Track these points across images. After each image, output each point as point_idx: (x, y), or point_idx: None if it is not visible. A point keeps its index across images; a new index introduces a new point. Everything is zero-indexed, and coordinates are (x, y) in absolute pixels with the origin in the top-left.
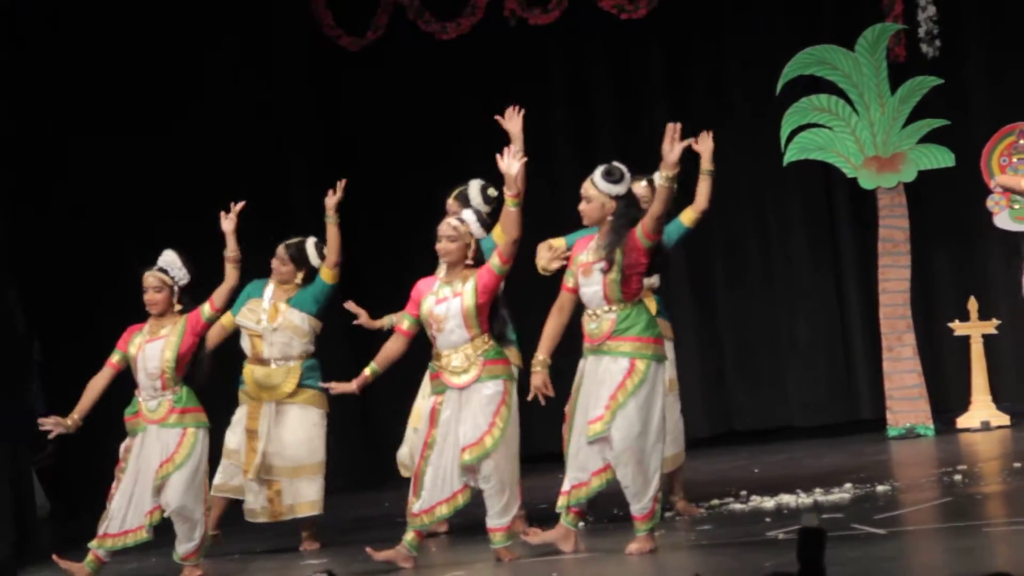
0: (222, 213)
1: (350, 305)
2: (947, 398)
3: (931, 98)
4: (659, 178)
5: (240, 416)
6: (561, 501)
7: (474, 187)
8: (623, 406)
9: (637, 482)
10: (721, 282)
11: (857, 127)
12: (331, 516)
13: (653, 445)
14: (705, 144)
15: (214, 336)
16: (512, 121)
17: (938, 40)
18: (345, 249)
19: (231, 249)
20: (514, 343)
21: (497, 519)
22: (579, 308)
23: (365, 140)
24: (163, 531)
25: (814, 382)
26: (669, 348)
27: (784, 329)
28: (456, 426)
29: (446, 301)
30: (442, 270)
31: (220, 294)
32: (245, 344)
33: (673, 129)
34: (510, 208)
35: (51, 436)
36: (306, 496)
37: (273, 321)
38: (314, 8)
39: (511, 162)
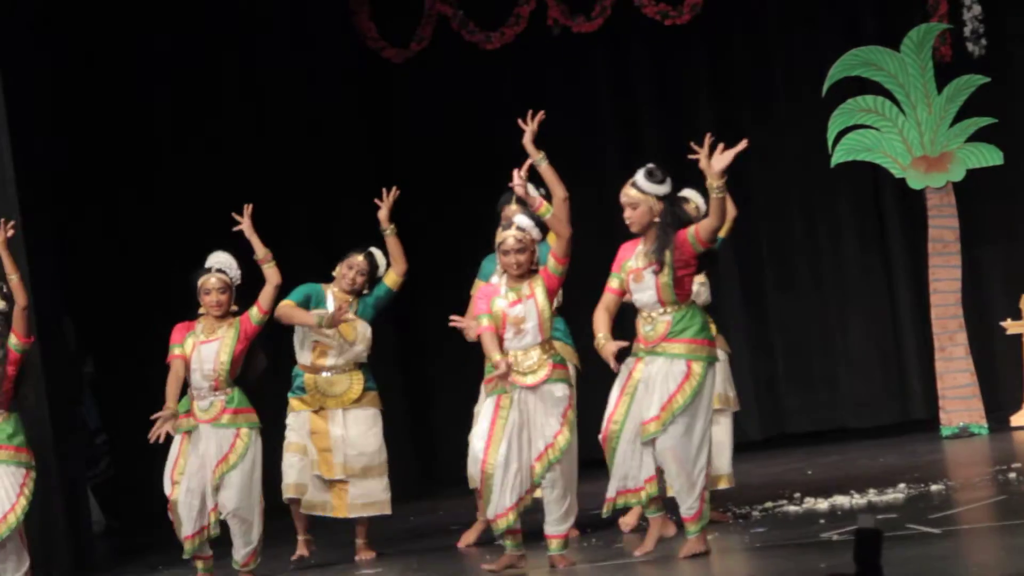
0: (236, 216)
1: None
2: (1000, 396)
3: (978, 97)
4: (711, 190)
5: (299, 423)
6: (607, 508)
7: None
8: (680, 409)
9: (681, 482)
10: (771, 285)
11: (904, 127)
12: (383, 524)
13: (699, 446)
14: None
15: (296, 318)
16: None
17: (984, 39)
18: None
19: (260, 250)
20: (571, 344)
21: (556, 526)
22: (624, 311)
23: (412, 150)
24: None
25: (867, 383)
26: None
27: (836, 331)
28: (526, 429)
29: (520, 303)
30: (502, 277)
31: (266, 296)
32: (307, 353)
33: (709, 141)
34: (555, 209)
35: (158, 430)
36: (375, 496)
37: (349, 335)
38: (357, 21)
39: (540, 162)
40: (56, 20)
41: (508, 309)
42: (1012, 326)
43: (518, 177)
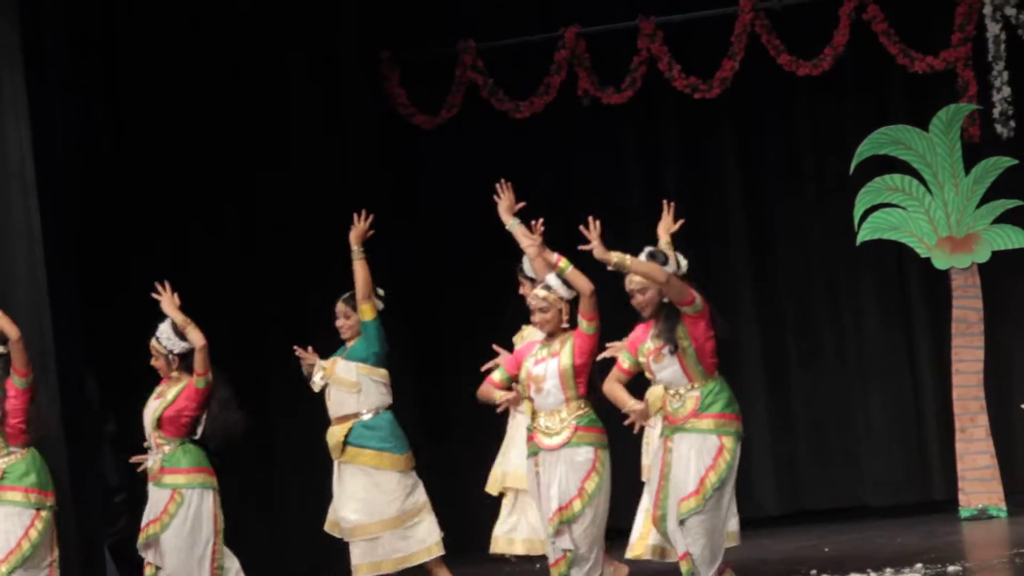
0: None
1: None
2: (1020, 479)
3: (1005, 178)
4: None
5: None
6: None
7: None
8: (716, 485)
9: (705, 554)
10: (795, 360)
11: (931, 207)
12: None
13: (725, 519)
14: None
15: None
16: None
17: (1012, 120)
18: (420, 316)
19: (177, 319)
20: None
21: None
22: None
23: (440, 216)
24: None
25: (887, 461)
26: None
27: (857, 408)
28: (547, 489)
29: (544, 362)
30: (538, 333)
31: (197, 360)
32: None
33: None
34: (565, 273)
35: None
36: (395, 550)
37: (330, 375)
38: (388, 87)
39: (522, 241)
40: (86, 81)
41: (532, 368)
42: None
43: (536, 232)
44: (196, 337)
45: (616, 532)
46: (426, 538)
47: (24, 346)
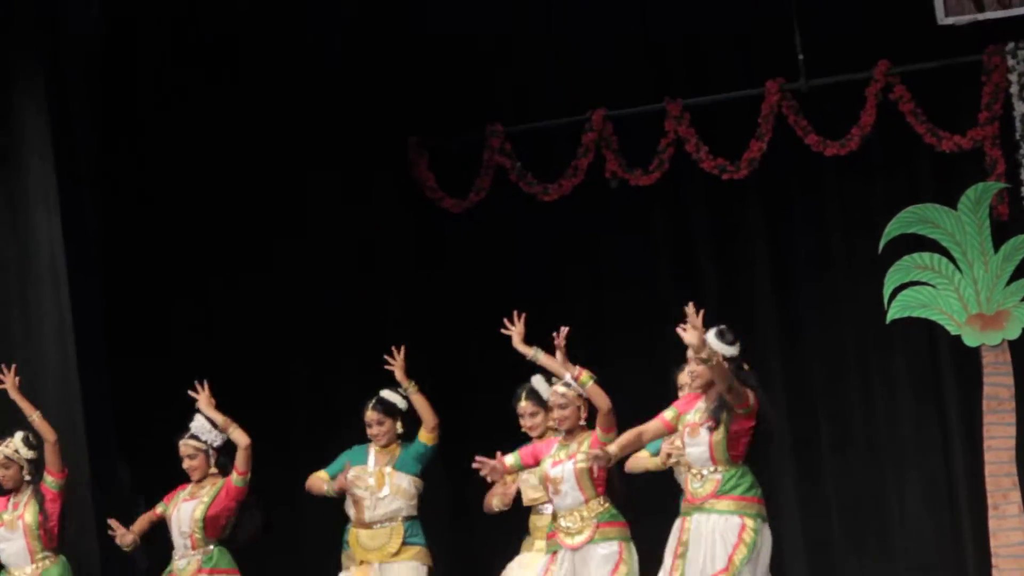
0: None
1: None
2: None
3: None
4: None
5: None
6: None
7: (538, 380)
8: (744, 561)
9: None
10: (826, 444)
11: (960, 285)
12: None
13: None
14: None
15: (314, 488)
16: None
17: None
18: (449, 399)
19: (218, 419)
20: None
21: None
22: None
23: (468, 299)
24: None
25: (920, 543)
26: None
27: (890, 490)
28: None
29: (561, 464)
30: (559, 434)
31: (240, 459)
32: (349, 508)
33: (691, 314)
34: (586, 388)
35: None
36: None
37: (381, 487)
38: (416, 171)
39: (550, 366)
40: (114, 171)
41: (550, 470)
42: None
43: (559, 339)
44: (240, 436)
45: None
46: None
47: (60, 448)
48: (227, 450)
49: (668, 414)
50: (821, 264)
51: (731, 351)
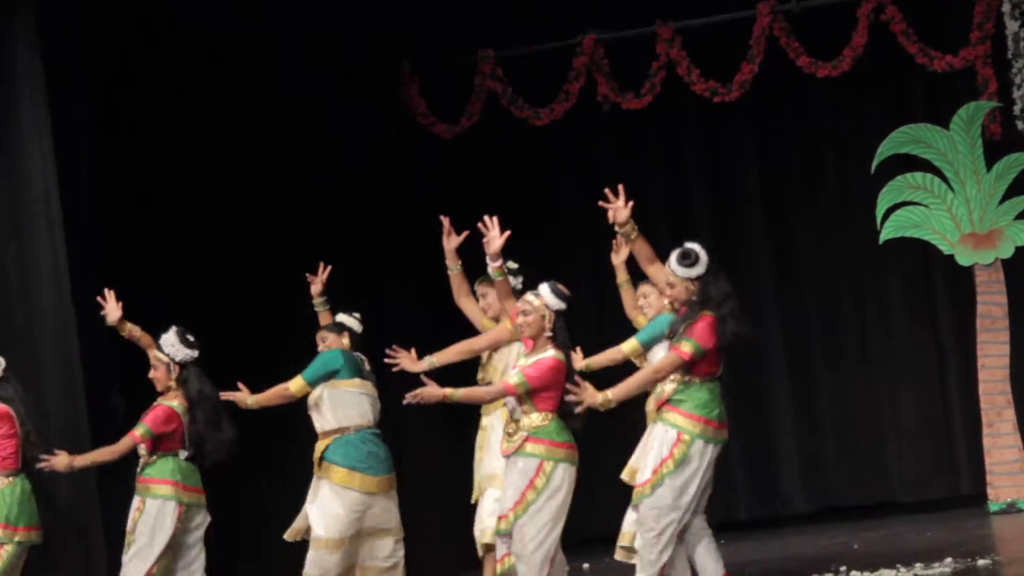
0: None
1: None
2: None
3: None
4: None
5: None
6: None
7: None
8: (669, 474)
9: (646, 553)
10: (820, 361)
11: (953, 204)
12: None
13: (677, 521)
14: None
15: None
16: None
17: None
18: (443, 321)
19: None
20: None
21: None
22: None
23: (461, 225)
24: None
25: (914, 458)
26: None
27: (884, 405)
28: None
29: (516, 369)
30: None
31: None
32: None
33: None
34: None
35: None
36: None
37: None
38: (407, 97)
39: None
40: (109, 114)
41: (511, 372)
42: None
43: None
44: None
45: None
46: None
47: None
48: (188, 368)
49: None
50: (813, 184)
51: (694, 273)
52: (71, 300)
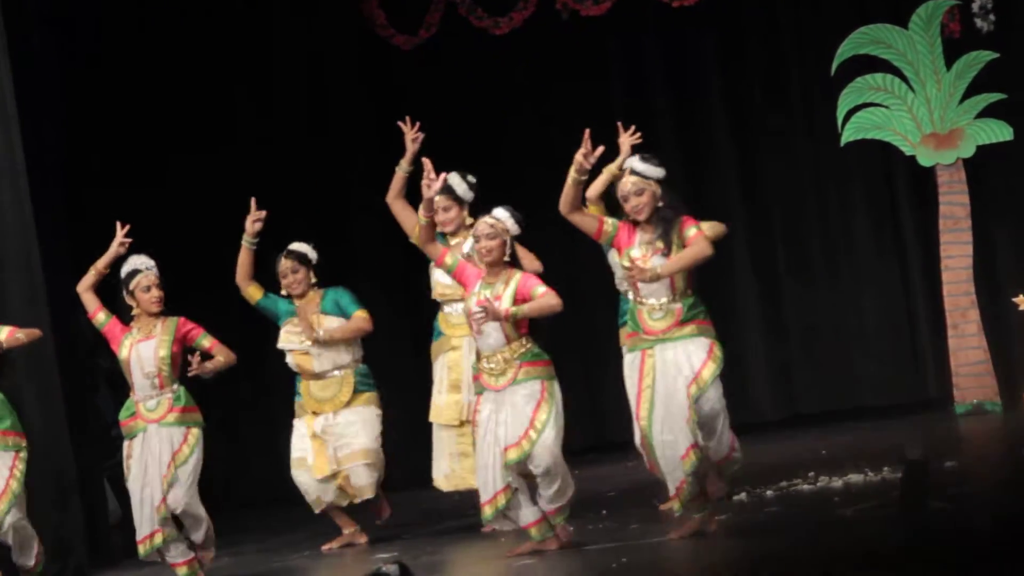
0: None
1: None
2: (1014, 373)
3: (987, 72)
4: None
5: (299, 430)
6: (675, 505)
7: (453, 177)
8: (713, 376)
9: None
10: (784, 267)
11: (914, 104)
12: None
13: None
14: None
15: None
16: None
17: (992, 14)
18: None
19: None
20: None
21: (550, 503)
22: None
23: (423, 138)
24: None
25: (880, 362)
26: None
27: (848, 310)
28: (495, 427)
29: (487, 302)
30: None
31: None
32: (291, 362)
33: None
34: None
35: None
36: (363, 480)
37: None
38: (366, 8)
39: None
40: (65, 14)
41: (474, 307)
42: None
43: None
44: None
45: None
46: None
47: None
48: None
49: (609, 223)
50: (775, 88)
51: (661, 173)
52: (31, 203)
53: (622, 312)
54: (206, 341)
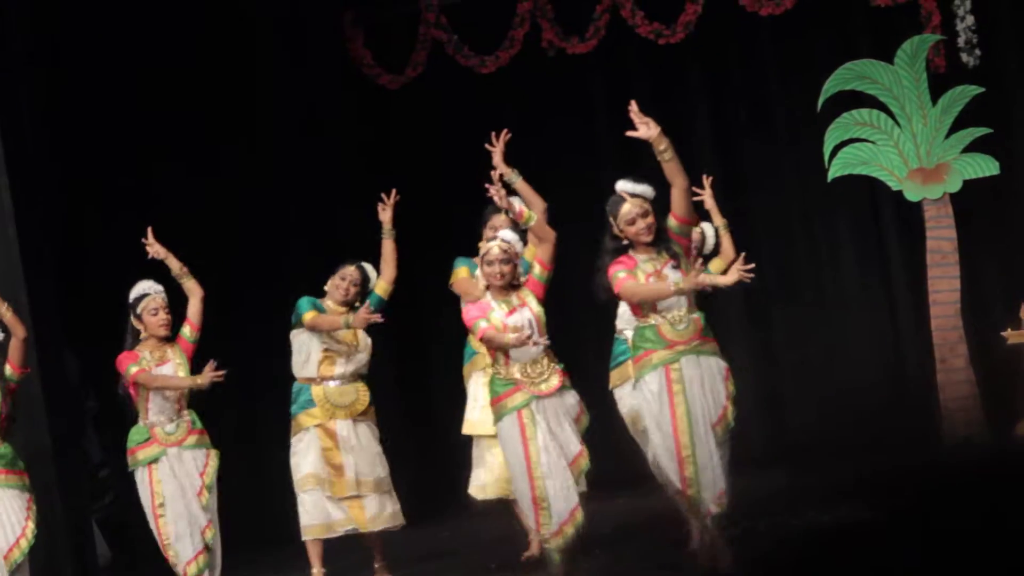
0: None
1: None
2: (1002, 408)
3: (973, 107)
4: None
5: (307, 443)
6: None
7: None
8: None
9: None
10: (772, 300)
11: (900, 140)
12: (395, 547)
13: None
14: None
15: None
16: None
17: (977, 49)
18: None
19: (175, 265)
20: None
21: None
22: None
23: (410, 175)
24: None
25: (867, 395)
26: None
27: (836, 343)
28: (552, 437)
29: (516, 311)
30: (486, 294)
31: (195, 312)
32: (314, 365)
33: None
34: (532, 222)
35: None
36: (389, 508)
37: (355, 342)
38: (352, 49)
39: (513, 179)
40: (50, 54)
41: (506, 319)
42: (1012, 336)
43: (495, 189)
44: (194, 287)
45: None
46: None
47: (26, 346)
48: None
49: (622, 273)
50: (761, 124)
51: (652, 191)
52: (18, 249)
53: (616, 354)
54: (187, 328)
